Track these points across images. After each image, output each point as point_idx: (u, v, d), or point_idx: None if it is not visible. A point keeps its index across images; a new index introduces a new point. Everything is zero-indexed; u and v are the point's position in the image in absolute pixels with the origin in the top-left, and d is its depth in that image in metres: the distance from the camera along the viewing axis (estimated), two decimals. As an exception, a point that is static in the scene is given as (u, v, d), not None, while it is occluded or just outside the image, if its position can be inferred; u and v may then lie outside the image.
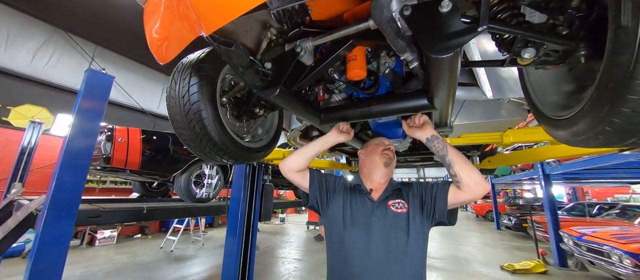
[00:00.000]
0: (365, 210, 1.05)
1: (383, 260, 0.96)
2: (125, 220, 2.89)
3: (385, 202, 1.06)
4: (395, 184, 1.16)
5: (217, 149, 1.19)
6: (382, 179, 1.15)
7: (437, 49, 0.66)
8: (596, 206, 8.04)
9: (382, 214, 1.03)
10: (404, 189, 1.12)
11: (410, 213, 1.03)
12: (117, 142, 3.03)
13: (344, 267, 1.00)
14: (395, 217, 1.02)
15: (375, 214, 1.03)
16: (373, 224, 1.02)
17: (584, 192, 16.07)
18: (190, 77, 1.08)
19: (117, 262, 5.03)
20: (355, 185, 1.14)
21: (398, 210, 1.03)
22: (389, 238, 0.99)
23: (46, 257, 1.83)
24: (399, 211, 1.03)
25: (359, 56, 1.07)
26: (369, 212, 1.04)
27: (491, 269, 5.11)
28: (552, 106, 0.82)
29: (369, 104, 1.22)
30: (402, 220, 1.02)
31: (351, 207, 1.07)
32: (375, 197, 1.08)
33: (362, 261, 0.97)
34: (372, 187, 1.13)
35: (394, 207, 1.04)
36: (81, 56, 6.60)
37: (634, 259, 3.35)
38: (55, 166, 2.02)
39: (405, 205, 1.05)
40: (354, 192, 1.12)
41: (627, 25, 0.45)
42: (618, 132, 0.56)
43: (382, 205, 1.05)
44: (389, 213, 1.03)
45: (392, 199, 1.07)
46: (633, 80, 0.47)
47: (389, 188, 1.11)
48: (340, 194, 1.12)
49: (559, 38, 0.66)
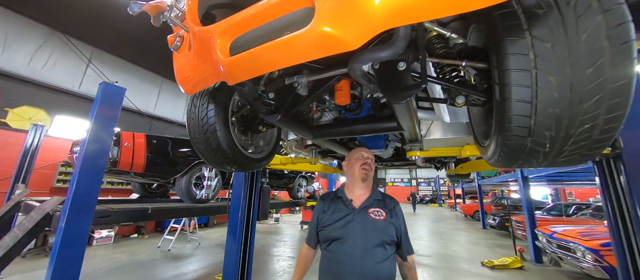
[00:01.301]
0: (347, 216, 1.26)
1: (361, 254, 1.18)
2: (132, 220, 3.09)
3: (366, 209, 1.27)
4: (378, 194, 1.35)
5: (228, 160, 1.45)
6: (361, 190, 1.34)
7: (396, 97, 0.95)
8: (573, 206, 8.57)
9: (362, 219, 1.24)
10: (387, 202, 1.32)
11: (387, 220, 1.25)
12: (124, 146, 3.23)
13: (330, 260, 1.24)
14: (374, 222, 1.23)
15: (356, 219, 1.24)
16: (354, 227, 1.22)
17: (567, 194, 16.87)
18: (208, 103, 1.34)
19: (116, 261, 5.18)
20: (338, 197, 1.35)
21: (376, 218, 1.25)
22: (366, 237, 1.20)
23: (68, 253, 2.04)
24: (378, 218, 1.25)
25: (345, 87, 1.34)
26: (350, 218, 1.25)
27: (473, 265, 5.48)
28: (481, 135, 1.11)
29: (353, 124, 1.51)
30: (380, 224, 1.23)
31: (334, 215, 1.29)
32: (356, 205, 1.29)
33: (344, 255, 1.19)
34: (352, 197, 1.33)
35: (373, 214, 1.25)
36: (78, 58, 6.70)
37: (594, 254, 3.74)
38: (74, 169, 2.23)
39: (383, 214, 1.26)
40: (336, 201, 1.33)
41: (498, 99, 0.74)
42: (507, 156, 0.85)
43: (363, 212, 1.26)
44: (368, 219, 1.24)
45: (373, 208, 1.27)
46: (506, 124, 0.75)
47: (371, 198, 1.31)
48: (321, 211, 1.33)
49: (473, 91, 0.95)
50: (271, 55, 0.74)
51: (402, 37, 0.77)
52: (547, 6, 0.63)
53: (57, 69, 6.40)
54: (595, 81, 0.61)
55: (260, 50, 0.73)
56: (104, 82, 2.40)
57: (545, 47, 0.63)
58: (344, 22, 0.62)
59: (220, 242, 7.49)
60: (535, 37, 0.64)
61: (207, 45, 0.87)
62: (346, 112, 1.62)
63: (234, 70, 0.85)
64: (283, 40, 0.68)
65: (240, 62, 0.79)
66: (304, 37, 0.65)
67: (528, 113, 0.68)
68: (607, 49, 0.59)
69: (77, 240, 2.11)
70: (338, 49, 0.67)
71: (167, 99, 9.07)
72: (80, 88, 6.67)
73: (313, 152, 2.36)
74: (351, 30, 0.63)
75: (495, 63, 0.72)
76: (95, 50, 7.04)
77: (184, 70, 1.13)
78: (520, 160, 0.85)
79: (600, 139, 0.69)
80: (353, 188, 1.37)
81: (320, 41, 0.65)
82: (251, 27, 0.76)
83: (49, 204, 2.68)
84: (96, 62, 7.00)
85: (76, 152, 3.87)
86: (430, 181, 29.46)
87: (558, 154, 0.75)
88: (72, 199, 2.10)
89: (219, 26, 0.80)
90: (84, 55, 6.75)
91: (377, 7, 0.61)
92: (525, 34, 0.65)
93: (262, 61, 0.78)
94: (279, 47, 0.69)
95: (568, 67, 0.62)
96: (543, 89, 0.65)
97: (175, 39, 1.09)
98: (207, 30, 0.82)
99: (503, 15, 0.68)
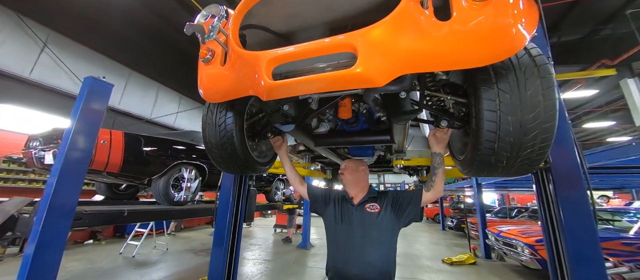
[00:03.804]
0: (348, 211, 1.54)
1: (360, 244, 1.42)
2: (107, 223, 2.93)
3: (363, 205, 1.53)
4: (373, 192, 1.60)
5: (239, 164, 1.57)
6: (352, 191, 1.59)
7: (398, 119, 1.20)
8: (515, 209, 9.99)
9: (360, 213, 1.50)
10: (379, 197, 1.56)
11: (382, 213, 1.49)
12: (100, 144, 3.04)
13: (336, 249, 1.48)
14: (370, 216, 1.48)
15: (355, 213, 1.51)
16: (354, 219, 1.49)
17: (510, 199, 19.39)
18: (226, 111, 1.46)
19: (71, 270, 4.68)
20: (343, 196, 1.63)
21: (372, 211, 1.50)
22: (364, 229, 1.45)
23: (44, 258, 1.91)
24: (372, 211, 1.50)
25: (348, 103, 1.57)
26: (351, 212, 1.52)
27: (435, 262, 6.10)
28: (457, 151, 1.43)
29: (351, 135, 1.74)
30: (374, 217, 1.48)
31: (341, 210, 1.56)
32: (355, 202, 1.56)
33: (347, 244, 1.45)
34: (352, 195, 1.60)
35: (369, 208, 1.51)
36: (32, 40, 5.94)
37: (530, 248, 4.50)
38: (52, 169, 2.10)
39: (378, 207, 1.50)
40: (343, 199, 1.60)
41: (474, 127, 1.04)
42: (477, 168, 1.15)
43: (360, 207, 1.53)
44: (365, 213, 1.50)
45: (369, 203, 1.53)
46: (479, 146, 1.04)
47: (366, 196, 1.57)
48: (332, 201, 1.62)
49: (453, 118, 1.25)
50: (313, 84, 0.93)
51: (409, 78, 1.02)
52: (507, 69, 0.93)
53: (4, 50, 5.58)
54: (535, 122, 0.93)
55: (307, 80, 0.91)
56: (91, 77, 2.28)
57: (506, 96, 0.93)
58: (377, 67, 0.84)
59: (190, 247, 7.15)
60: (500, 89, 0.93)
61: (250, 66, 1.02)
62: (344, 125, 1.85)
63: (274, 91, 1.02)
64: (329, 75, 0.88)
65: (283, 86, 0.97)
66: (345, 74, 0.86)
67: (494, 139, 0.98)
68: (542, 102, 0.91)
69: (55, 246, 1.99)
70: (368, 85, 0.89)
71: (134, 93, 8.42)
72: (31, 74, 5.91)
73: (306, 157, 2.55)
74: (380, 73, 0.86)
75: (474, 102, 1.01)
76: (52, 34, 6.30)
77: (211, 80, 1.24)
78: (486, 171, 1.16)
79: (537, 158, 1.01)
80: (347, 190, 1.64)
81: (357, 78, 0.86)
82: (296, 59, 0.94)
83: (10, 205, 2.43)
84: (53, 46, 6.26)
85: (33, 148, 3.50)
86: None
87: (511, 168, 1.07)
88: (51, 200, 1.97)
89: (267, 54, 0.96)
90: (39, 38, 6.00)
91: (399, 61, 0.85)
92: (493, 85, 0.95)
93: (303, 87, 0.96)
94: (324, 79, 0.89)
95: (519, 111, 0.93)
96: (504, 124, 0.95)
97: (207, 52, 1.20)
98: (256, 56, 0.98)
99: (480, 70, 0.98)
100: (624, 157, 2.84)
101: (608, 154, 2.95)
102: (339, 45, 0.85)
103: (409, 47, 0.84)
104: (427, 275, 5.11)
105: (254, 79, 1.05)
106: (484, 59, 0.83)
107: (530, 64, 0.94)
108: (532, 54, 0.95)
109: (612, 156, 2.93)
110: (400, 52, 0.84)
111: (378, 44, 0.82)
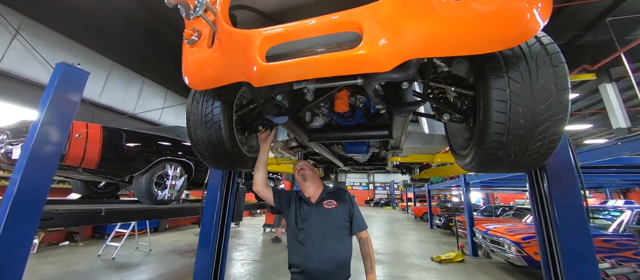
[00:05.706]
0: (306, 210, 1.62)
1: (319, 239, 1.51)
2: (82, 223, 2.71)
3: (321, 202, 1.62)
4: (329, 189, 1.70)
5: (228, 159, 1.45)
6: (309, 189, 1.69)
7: (399, 111, 1.13)
8: (500, 208, 10.29)
9: (318, 211, 1.59)
10: (337, 194, 1.67)
11: (339, 209, 1.60)
12: (74, 138, 2.81)
13: (297, 245, 1.55)
14: (328, 212, 1.59)
15: (314, 212, 1.59)
16: (313, 218, 1.57)
17: (494, 198, 20.04)
18: (213, 100, 1.33)
19: (45, 274, 4.35)
20: (300, 196, 1.70)
21: (329, 207, 1.60)
22: (322, 224, 1.55)
23: (5, 263, 1.72)
24: (330, 207, 1.60)
25: (345, 96, 1.49)
26: (309, 211, 1.61)
27: (424, 260, 6.15)
28: (458, 146, 1.38)
29: (348, 130, 1.66)
30: (332, 212, 1.58)
31: (301, 209, 1.64)
32: (312, 200, 1.65)
33: (306, 241, 1.52)
34: (309, 195, 1.68)
35: (326, 205, 1.61)
36: (2, 26, 5.49)
37: (516, 246, 4.60)
38: (17, 164, 1.89)
39: (334, 203, 1.61)
40: (301, 200, 1.68)
41: (481, 120, 0.98)
42: (482, 163, 1.09)
43: (318, 205, 1.62)
44: (322, 209, 1.59)
45: (326, 200, 1.62)
46: (486, 139, 0.99)
47: (323, 193, 1.66)
48: (293, 202, 1.69)
49: (456, 111, 1.19)
50: (312, 67, 0.83)
51: (415, 64, 0.94)
52: (518, 57, 0.88)
53: (-32, 37, 5.13)
54: (547, 113, 0.87)
55: (305, 61, 0.82)
56: (63, 63, 2.07)
57: (517, 86, 0.87)
58: (384, 49, 0.76)
59: (174, 247, 6.87)
60: (511, 78, 0.88)
61: (241, 48, 0.91)
62: (339, 119, 1.76)
63: (267, 75, 0.91)
64: (330, 56, 0.78)
65: (278, 69, 0.87)
66: (348, 55, 0.77)
67: (503, 132, 0.92)
68: (554, 92, 0.86)
69: (18, 249, 1.80)
70: (372, 69, 0.80)
71: (116, 87, 7.99)
72: (0, 63, 5.47)
73: (299, 153, 2.44)
74: (387, 56, 0.78)
75: (482, 92, 0.95)
76: (26, 20, 5.85)
77: (198, 64, 1.12)
78: (491, 166, 1.11)
79: (546, 152, 0.97)
80: (303, 189, 1.74)
81: (361, 60, 0.77)
82: (293, 39, 0.84)
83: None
84: (26, 34, 5.82)
85: (0, 141, 3.20)
86: (385, 185, 31.67)
87: (518, 162, 1.02)
88: (15, 198, 1.77)
89: (261, 33, 0.85)
90: (10, 24, 5.56)
91: (407, 42, 0.77)
92: (504, 74, 0.89)
93: (300, 70, 0.87)
94: (324, 61, 0.80)
95: (531, 101, 0.87)
96: (514, 116, 0.89)
97: (193, 33, 1.08)
98: (247, 34, 0.87)
99: (489, 58, 0.91)
100: (612, 156, 2.93)
101: (594, 153, 3.03)
102: (342, 23, 0.76)
103: (419, 27, 0.76)
104: (417, 274, 5.13)
105: (245, 63, 0.94)
106: (497, 43, 0.77)
107: (542, 52, 0.88)
108: (544, 42, 0.90)
109: (597, 156, 3.02)
110: (410, 33, 0.76)
111: (386, 22, 0.74)
